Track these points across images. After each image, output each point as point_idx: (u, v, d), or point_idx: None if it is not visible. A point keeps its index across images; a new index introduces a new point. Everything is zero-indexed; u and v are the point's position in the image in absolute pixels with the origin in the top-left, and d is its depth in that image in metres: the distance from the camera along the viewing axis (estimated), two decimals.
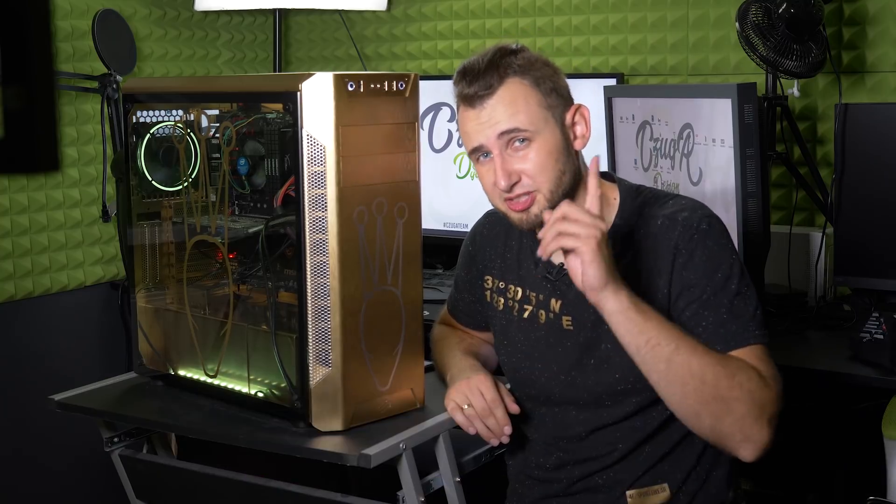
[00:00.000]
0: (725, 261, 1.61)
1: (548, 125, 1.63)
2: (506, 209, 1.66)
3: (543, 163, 1.62)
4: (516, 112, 1.62)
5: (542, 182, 1.63)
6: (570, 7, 3.00)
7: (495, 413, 1.68)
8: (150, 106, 1.92)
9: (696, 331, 1.59)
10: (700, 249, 1.61)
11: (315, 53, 3.52)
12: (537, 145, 1.62)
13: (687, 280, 1.61)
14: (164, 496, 2.01)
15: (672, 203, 1.67)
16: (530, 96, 1.63)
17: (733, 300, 1.59)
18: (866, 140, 2.32)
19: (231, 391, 1.80)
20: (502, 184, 1.62)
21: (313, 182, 1.59)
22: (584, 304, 1.66)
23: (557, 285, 1.72)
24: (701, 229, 1.61)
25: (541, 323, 1.74)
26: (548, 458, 1.76)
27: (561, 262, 1.71)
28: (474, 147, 1.66)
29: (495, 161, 1.63)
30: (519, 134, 1.62)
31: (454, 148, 2.96)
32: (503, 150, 1.63)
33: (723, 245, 1.62)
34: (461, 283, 1.93)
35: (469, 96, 1.64)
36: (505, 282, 1.81)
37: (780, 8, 2.36)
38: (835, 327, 2.31)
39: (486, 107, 1.63)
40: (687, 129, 2.27)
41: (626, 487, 1.70)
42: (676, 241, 1.62)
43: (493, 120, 1.62)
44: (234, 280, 1.79)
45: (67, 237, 2.92)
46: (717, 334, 1.58)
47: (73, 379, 2.12)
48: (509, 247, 1.82)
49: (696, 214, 1.63)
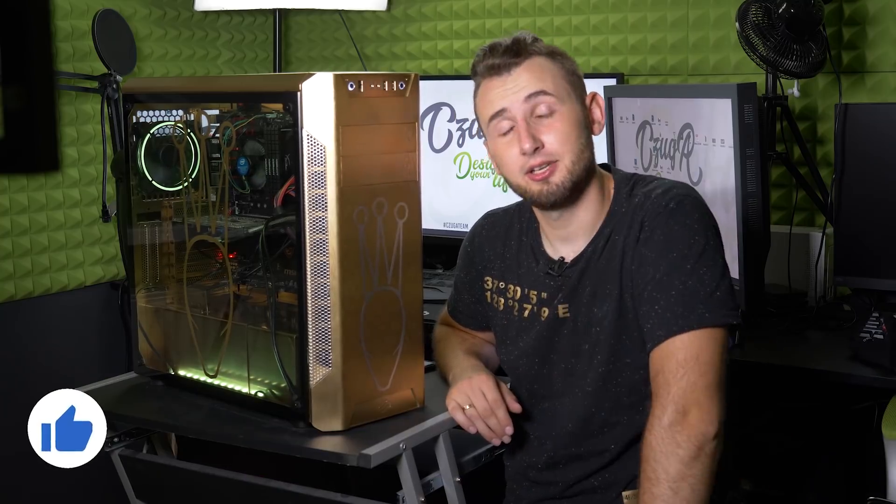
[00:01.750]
0: (685, 241, 1.60)
1: (571, 99, 1.67)
2: (526, 182, 1.67)
3: (567, 132, 1.65)
4: (543, 79, 1.65)
5: (565, 151, 1.64)
6: (570, 7, 3.00)
7: (497, 413, 1.68)
8: (150, 106, 1.92)
9: (651, 314, 1.60)
10: (661, 228, 1.61)
11: (315, 53, 3.52)
12: (560, 115, 1.65)
13: (644, 256, 1.62)
14: (164, 496, 2.01)
15: (655, 183, 1.69)
16: (555, 70, 1.67)
17: (687, 280, 1.59)
18: (866, 140, 2.32)
19: (231, 391, 1.80)
20: (526, 146, 1.63)
21: (313, 182, 1.59)
22: (579, 290, 1.68)
23: (560, 280, 1.73)
24: (668, 208, 1.62)
25: (542, 320, 1.74)
26: (539, 456, 1.76)
27: (561, 256, 1.72)
28: (496, 111, 1.67)
29: (519, 127, 1.65)
30: (545, 99, 1.64)
31: (454, 148, 2.95)
32: (528, 118, 1.65)
33: (687, 225, 1.61)
34: (461, 285, 1.93)
35: (496, 66, 1.66)
36: (505, 282, 1.81)
37: (780, 8, 2.36)
38: (835, 327, 2.31)
39: (512, 73, 1.66)
40: (687, 129, 2.27)
41: (621, 488, 1.70)
42: (643, 218, 1.64)
43: (520, 85, 1.65)
44: (234, 280, 1.79)
45: (67, 237, 2.92)
46: (664, 319, 1.59)
47: (73, 379, 2.11)
48: (508, 247, 1.82)
49: (669, 193, 1.64)
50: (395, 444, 1.61)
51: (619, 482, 1.70)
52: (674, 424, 1.54)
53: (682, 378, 1.56)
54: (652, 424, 1.56)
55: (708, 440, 1.54)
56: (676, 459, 1.53)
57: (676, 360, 1.57)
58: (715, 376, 1.57)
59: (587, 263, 1.70)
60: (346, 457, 1.58)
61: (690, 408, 1.54)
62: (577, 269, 1.71)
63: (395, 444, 1.61)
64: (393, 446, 1.60)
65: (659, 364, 1.59)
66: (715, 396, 1.56)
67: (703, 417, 1.54)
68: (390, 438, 1.62)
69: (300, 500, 1.74)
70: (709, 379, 1.56)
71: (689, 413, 1.54)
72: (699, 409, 1.54)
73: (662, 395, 1.56)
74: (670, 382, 1.56)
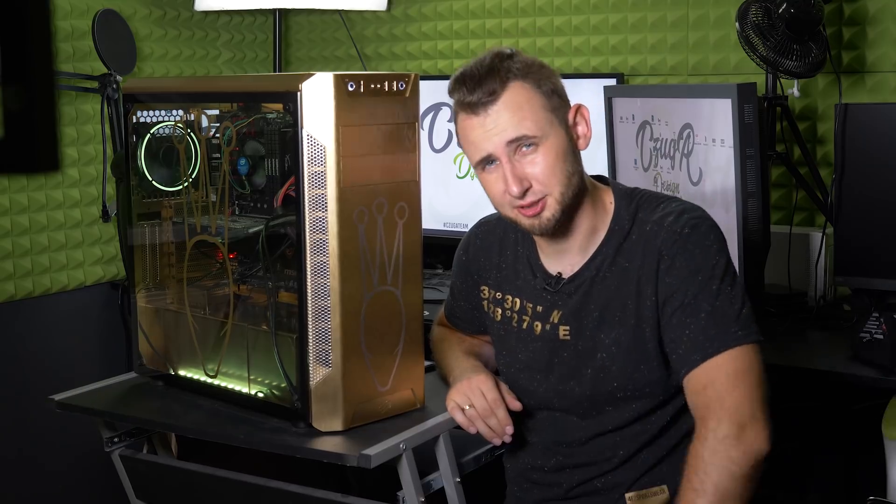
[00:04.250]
0: (707, 262, 1.59)
1: (553, 128, 1.62)
2: (516, 216, 1.64)
3: (553, 165, 1.61)
4: (523, 119, 1.59)
5: (553, 185, 1.61)
6: (570, 7, 3.00)
7: (497, 413, 1.67)
8: (150, 106, 1.92)
9: (682, 339, 1.58)
10: (681, 255, 1.60)
11: (315, 53, 3.52)
12: (545, 149, 1.60)
13: (670, 286, 1.60)
14: (164, 496, 2.01)
15: (663, 207, 1.66)
16: (534, 100, 1.61)
17: (714, 301, 1.58)
18: (866, 140, 2.32)
19: (231, 391, 1.80)
20: (514, 190, 1.59)
21: (313, 182, 1.59)
22: (583, 313, 1.67)
23: (557, 296, 1.71)
24: (683, 234, 1.61)
25: (536, 334, 1.74)
26: (547, 461, 1.76)
27: (559, 271, 1.71)
28: (482, 157, 1.63)
29: (504, 168, 1.60)
30: (527, 140, 1.60)
31: (454, 148, 2.95)
32: (511, 157, 1.60)
33: (706, 247, 1.60)
34: (457, 292, 1.91)
35: (472, 104, 1.60)
36: (502, 292, 1.80)
37: (780, 8, 2.36)
38: (835, 327, 2.31)
39: (490, 113, 1.60)
40: (687, 129, 2.27)
41: (625, 490, 1.70)
42: (660, 247, 1.61)
43: (500, 127, 1.60)
44: (234, 280, 1.79)
45: (67, 237, 2.92)
46: (698, 343, 1.57)
47: (73, 379, 2.11)
48: (504, 257, 1.80)
49: (681, 219, 1.62)
50: (395, 445, 1.61)
51: (622, 484, 1.70)
52: (729, 438, 1.52)
53: (734, 390, 1.55)
54: (705, 436, 1.54)
55: (760, 460, 1.54)
56: (728, 475, 1.51)
57: (727, 373, 1.56)
58: (764, 393, 1.57)
59: (591, 285, 1.68)
60: (347, 457, 1.58)
61: (747, 422, 1.53)
62: (579, 289, 1.69)
63: (395, 444, 1.61)
64: (393, 446, 1.60)
65: (706, 379, 1.56)
66: (767, 413, 1.56)
67: (759, 435, 1.54)
68: (390, 438, 1.62)
69: (300, 500, 1.73)
70: (760, 394, 1.56)
71: (746, 428, 1.53)
72: (755, 426, 1.54)
73: (716, 408, 1.54)
74: (724, 395, 1.54)
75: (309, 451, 1.62)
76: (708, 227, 1.63)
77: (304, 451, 1.62)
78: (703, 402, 1.56)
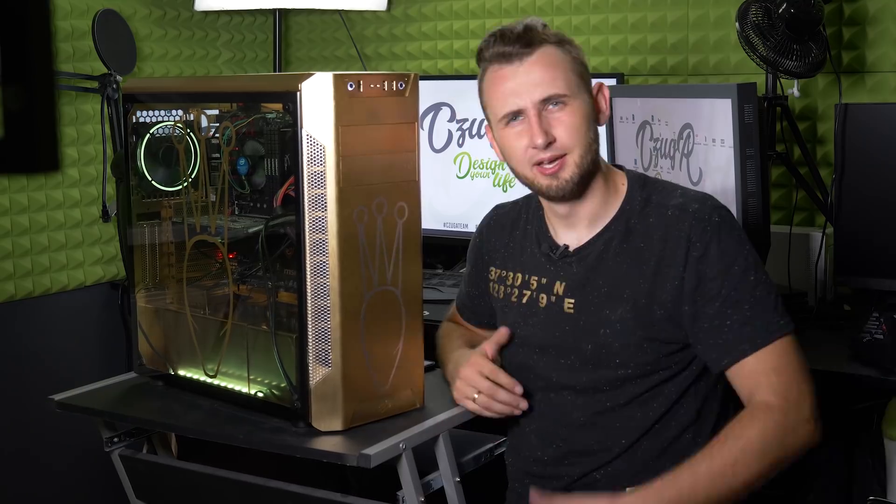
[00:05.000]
0: (741, 253, 1.63)
1: (581, 92, 1.68)
2: (534, 175, 1.67)
3: (578, 126, 1.65)
4: (555, 77, 1.65)
5: (576, 145, 1.65)
6: (570, 7, 3.00)
7: (499, 380, 1.69)
8: (150, 106, 1.92)
9: (723, 330, 1.61)
10: (714, 243, 1.62)
11: (315, 53, 3.52)
12: (571, 109, 1.65)
13: (703, 274, 1.62)
14: (164, 496, 2.01)
15: (680, 194, 1.70)
16: (566, 62, 1.67)
17: (754, 292, 1.61)
18: (866, 140, 2.32)
19: (231, 391, 1.80)
20: (539, 141, 1.63)
21: (313, 182, 1.59)
22: (589, 287, 1.68)
23: (561, 266, 1.73)
24: (714, 221, 1.63)
25: (540, 307, 1.75)
26: (546, 449, 1.76)
27: (565, 243, 1.72)
28: (510, 111, 1.66)
29: (531, 121, 1.64)
30: (557, 98, 1.65)
31: (454, 148, 2.95)
32: (539, 111, 1.65)
33: (736, 237, 1.64)
34: (468, 278, 1.95)
35: (507, 54, 1.65)
36: (506, 269, 1.83)
37: (780, 8, 2.36)
38: (835, 327, 2.31)
39: (524, 63, 1.65)
40: (687, 129, 2.27)
41: (625, 484, 1.70)
42: (689, 234, 1.63)
43: (533, 82, 1.64)
44: (234, 280, 1.79)
45: (67, 237, 2.92)
46: (743, 333, 1.60)
47: (73, 379, 2.11)
48: (514, 236, 1.84)
49: (706, 206, 1.65)
50: (395, 444, 1.61)
51: (622, 477, 1.70)
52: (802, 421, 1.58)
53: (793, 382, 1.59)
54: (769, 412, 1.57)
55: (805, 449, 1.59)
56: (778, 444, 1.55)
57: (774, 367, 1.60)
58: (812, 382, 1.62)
59: (598, 260, 1.70)
60: (346, 457, 1.58)
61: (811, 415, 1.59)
62: (583, 262, 1.71)
63: (395, 444, 1.61)
64: (393, 446, 1.60)
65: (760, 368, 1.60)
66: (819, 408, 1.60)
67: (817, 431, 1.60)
68: (390, 438, 1.62)
69: (300, 500, 1.74)
70: (812, 385, 1.61)
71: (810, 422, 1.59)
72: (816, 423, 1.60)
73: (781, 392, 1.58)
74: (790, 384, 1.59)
75: (309, 451, 1.62)
76: (733, 218, 1.68)
77: (303, 451, 1.62)
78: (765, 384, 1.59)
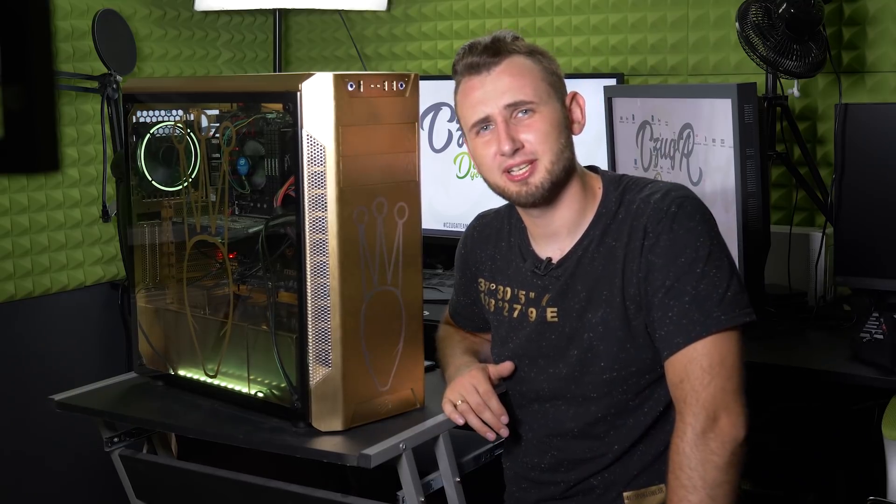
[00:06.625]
0: (691, 243, 1.60)
1: (550, 100, 1.67)
2: (504, 183, 1.67)
3: (547, 133, 1.65)
4: (523, 85, 1.65)
5: (545, 150, 1.64)
6: (570, 7, 3.00)
7: (490, 404, 1.68)
8: (150, 106, 1.92)
9: (665, 321, 1.60)
10: (666, 233, 1.61)
11: (315, 53, 3.52)
12: (540, 116, 1.65)
13: (652, 263, 1.61)
14: (164, 496, 2.01)
15: (650, 187, 1.68)
16: (534, 71, 1.67)
17: (698, 284, 1.59)
18: (866, 140, 2.32)
19: (231, 391, 1.80)
20: (506, 148, 1.63)
21: (313, 182, 1.59)
22: (569, 294, 1.68)
23: (547, 279, 1.72)
24: (670, 212, 1.61)
25: (530, 321, 1.75)
26: (542, 457, 1.76)
27: (548, 256, 1.72)
28: (478, 119, 1.66)
29: (499, 128, 1.64)
30: (524, 105, 1.64)
31: (454, 148, 2.95)
32: (507, 119, 1.65)
33: (690, 228, 1.61)
34: (458, 287, 1.94)
35: (476, 64, 1.66)
36: (495, 283, 1.82)
37: (780, 8, 2.36)
38: (835, 327, 2.31)
39: (492, 73, 1.65)
40: (687, 129, 2.27)
41: (622, 489, 1.70)
42: (646, 224, 1.63)
43: (500, 90, 1.64)
44: (234, 280, 1.79)
45: (67, 237, 2.92)
46: (680, 326, 1.59)
47: (73, 379, 2.12)
48: (499, 248, 1.82)
49: (668, 197, 1.63)
50: (395, 444, 1.61)
51: (619, 482, 1.70)
52: (707, 431, 1.55)
53: (709, 384, 1.56)
54: (684, 432, 1.56)
55: (739, 445, 1.56)
56: (713, 466, 1.54)
57: (702, 367, 1.57)
58: (739, 380, 1.59)
59: (577, 266, 1.69)
60: (346, 457, 1.58)
61: (720, 413, 1.56)
62: (566, 271, 1.71)
63: (395, 444, 1.61)
64: (393, 446, 1.60)
65: (682, 371, 1.59)
66: (741, 400, 1.58)
67: (734, 422, 1.56)
68: (390, 438, 1.62)
69: (300, 500, 1.73)
70: (735, 383, 1.58)
71: (719, 419, 1.56)
72: (729, 415, 1.56)
73: (692, 403, 1.57)
74: (698, 389, 1.57)
75: (309, 451, 1.62)
76: (694, 207, 1.63)
77: (303, 451, 1.62)
78: (680, 395, 1.59)
